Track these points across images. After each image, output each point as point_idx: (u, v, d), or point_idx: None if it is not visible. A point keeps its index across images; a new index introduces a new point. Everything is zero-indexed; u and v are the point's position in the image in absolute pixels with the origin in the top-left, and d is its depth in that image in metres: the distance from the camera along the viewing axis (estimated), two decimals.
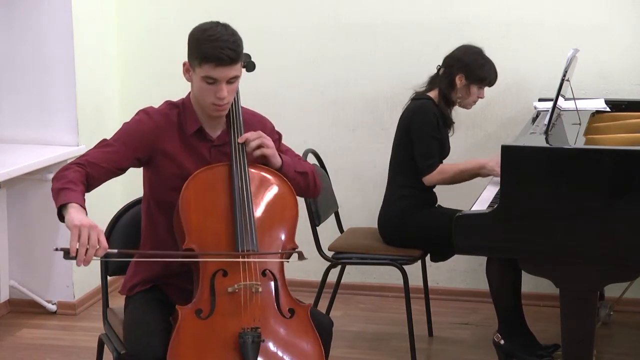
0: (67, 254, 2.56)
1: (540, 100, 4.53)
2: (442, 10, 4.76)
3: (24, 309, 4.74)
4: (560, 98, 3.80)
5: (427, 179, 4.03)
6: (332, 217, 4.36)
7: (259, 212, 2.89)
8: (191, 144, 2.93)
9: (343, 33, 4.90)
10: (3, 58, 4.67)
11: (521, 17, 4.71)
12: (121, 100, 5.06)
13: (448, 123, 4.15)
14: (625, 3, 4.63)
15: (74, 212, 2.63)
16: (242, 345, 2.67)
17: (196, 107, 2.95)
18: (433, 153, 4.03)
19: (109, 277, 3.22)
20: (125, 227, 3.20)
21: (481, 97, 4.16)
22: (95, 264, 3.28)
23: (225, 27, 2.87)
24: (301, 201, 4.04)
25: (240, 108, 2.99)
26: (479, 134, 4.83)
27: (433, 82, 4.17)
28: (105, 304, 3.20)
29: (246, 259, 2.78)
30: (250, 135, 2.92)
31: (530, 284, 4.42)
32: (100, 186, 2.91)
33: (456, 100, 4.13)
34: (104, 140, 2.92)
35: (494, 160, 3.99)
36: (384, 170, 4.27)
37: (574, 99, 4.08)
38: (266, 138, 2.93)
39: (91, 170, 2.81)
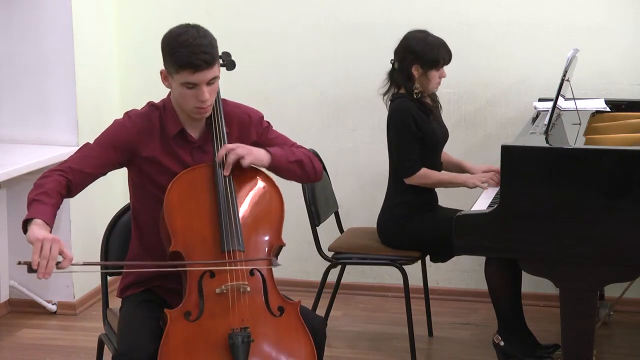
0: (30, 268, 2.58)
1: (540, 100, 4.53)
2: (442, 10, 4.76)
3: (24, 309, 4.74)
4: (560, 98, 3.80)
5: (408, 180, 4.02)
6: (332, 217, 4.36)
7: (243, 211, 2.88)
8: (173, 147, 2.92)
9: (343, 33, 4.90)
10: (3, 58, 4.67)
11: (521, 17, 4.71)
12: (121, 100, 5.06)
13: (429, 111, 4.08)
14: (625, 3, 4.63)
15: (35, 229, 2.62)
16: (232, 346, 2.66)
17: (177, 109, 2.93)
18: (411, 155, 3.99)
19: (109, 278, 3.22)
20: (122, 231, 3.19)
21: (443, 77, 4.09)
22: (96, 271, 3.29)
23: (197, 30, 2.84)
24: (301, 201, 4.07)
25: (221, 106, 2.97)
26: (479, 134, 4.83)
27: (392, 78, 4.13)
28: (105, 304, 3.21)
29: (229, 267, 2.76)
30: (223, 153, 2.87)
31: (530, 284, 4.42)
32: (100, 186, 2.91)
33: (416, 91, 4.04)
34: (87, 144, 2.91)
35: (475, 177, 4.02)
36: (384, 170, 4.26)
37: (574, 99, 4.08)
38: (239, 149, 2.87)
39: (73, 177, 2.81)
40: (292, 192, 4.49)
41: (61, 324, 4.62)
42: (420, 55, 4.01)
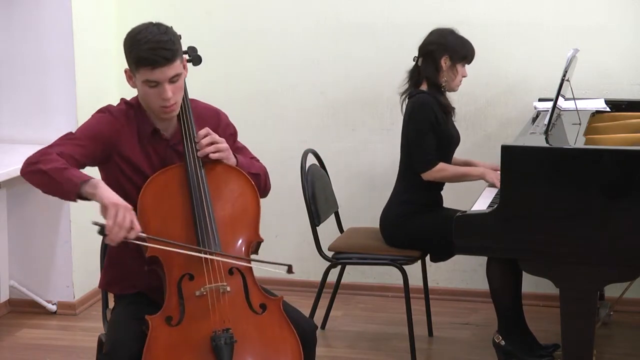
0: (102, 230, 2.60)
1: (540, 100, 4.53)
2: (442, 11, 4.76)
3: (24, 309, 4.74)
4: (560, 98, 3.80)
5: (426, 175, 4.01)
6: (332, 217, 4.36)
7: (219, 210, 2.85)
8: (147, 146, 2.91)
9: (343, 33, 4.90)
10: (3, 58, 4.67)
11: (521, 17, 4.71)
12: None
13: (448, 110, 4.11)
14: (625, 3, 4.63)
15: (105, 189, 2.64)
16: (215, 348, 2.64)
17: (146, 109, 2.92)
18: (430, 149, 4.00)
19: None
20: None
21: (465, 76, 4.12)
22: (95, 263, 3.29)
23: (158, 27, 2.83)
24: (301, 201, 4.07)
25: (189, 105, 2.95)
26: (479, 134, 4.83)
27: (414, 75, 4.14)
28: (105, 304, 3.20)
29: (214, 259, 2.75)
30: (203, 135, 2.88)
31: (530, 284, 4.42)
32: None
33: (444, 84, 4.07)
34: (70, 133, 2.88)
35: (493, 173, 3.99)
36: (384, 170, 4.27)
37: (574, 99, 4.08)
38: (220, 141, 2.89)
39: (67, 162, 2.76)
40: (292, 192, 4.50)
41: (61, 324, 4.62)
42: (450, 46, 4.05)
